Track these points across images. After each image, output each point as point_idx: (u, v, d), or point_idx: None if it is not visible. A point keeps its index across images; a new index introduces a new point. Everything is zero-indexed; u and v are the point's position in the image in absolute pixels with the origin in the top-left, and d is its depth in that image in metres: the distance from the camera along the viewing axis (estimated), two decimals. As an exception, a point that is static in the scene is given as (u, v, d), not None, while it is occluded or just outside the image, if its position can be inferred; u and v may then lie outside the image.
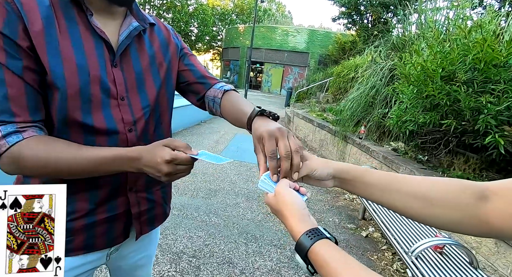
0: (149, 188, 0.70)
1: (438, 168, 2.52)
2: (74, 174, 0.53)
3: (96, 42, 0.56)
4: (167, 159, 0.50)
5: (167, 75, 0.69)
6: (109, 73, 0.57)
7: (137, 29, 0.61)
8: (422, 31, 3.51)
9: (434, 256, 1.57)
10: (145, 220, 0.71)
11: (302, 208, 0.43)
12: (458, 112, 2.14)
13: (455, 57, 2.11)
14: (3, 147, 0.48)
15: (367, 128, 3.75)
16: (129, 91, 0.61)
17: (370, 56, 5.07)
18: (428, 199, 0.43)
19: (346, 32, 14.40)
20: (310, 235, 0.38)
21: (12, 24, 0.47)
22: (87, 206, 0.60)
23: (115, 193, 0.63)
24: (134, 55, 0.62)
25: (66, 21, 0.53)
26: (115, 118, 0.58)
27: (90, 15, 0.55)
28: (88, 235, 0.62)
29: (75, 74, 0.53)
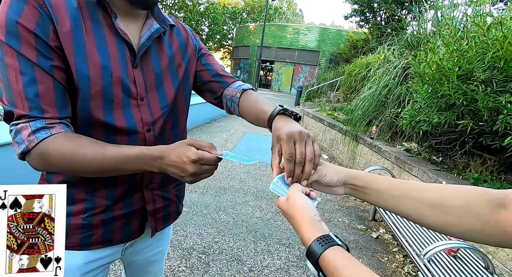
0: (164, 186, 0.72)
1: (453, 169, 2.44)
2: (98, 171, 0.52)
3: (119, 43, 0.58)
4: (194, 159, 0.49)
5: (185, 76, 0.70)
6: (130, 74, 0.59)
7: (158, 31, 0.63)
8: (438, 28, 3.41)
9: (448, 259, 1.54)
10: (160, 217, 0.73)
11: (313, 214, 0.43)
12: (476, 113, 2.07)
13: (473, 55, 2.04)
14: (32, 142, 0.48)
15: (379, 128, 3.68)
16: (148, 91, 0.62)
17: (383, 55, 4.96)
18: (442, 206, 0.42)
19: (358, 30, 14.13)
20: (321, 241, 0.38)
21: (43, 26, 0.49)
22: (105, 203, 0.62)
23: (132, 190, 0.65)
24: (154, 56, 0.64)
25: (91, 23, 0.55)
26: (135, 118, 0.60)
27: (115, 17, 0.57)
28: (106, 230, 0.65)
29: (99, 75, 0.54)
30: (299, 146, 0.49)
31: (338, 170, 0.51)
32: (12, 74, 0.48)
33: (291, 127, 0.51)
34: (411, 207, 0.44)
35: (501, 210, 0.38)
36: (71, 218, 0.61)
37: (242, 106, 0.72)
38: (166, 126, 0.67)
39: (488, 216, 0.38)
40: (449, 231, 0.42)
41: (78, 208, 0.61)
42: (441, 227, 0.43)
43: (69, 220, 0.61)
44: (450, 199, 0.42)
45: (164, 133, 0.67)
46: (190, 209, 2.46)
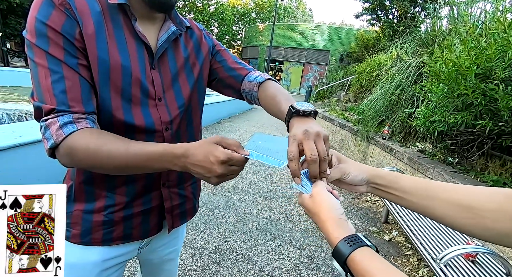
0: (181, 183, 0.73)
1: (470, 171, 2.36)
2: (122, 168, 0.51)
3: (138, 45, 0.60)
4: (222, 159, 0.46)
5: (199, 74, 0.72)
6: (148, 75, 0.61)
7: (175, 33, 0.64)
8: (455, 25, 3.30)
9: (466, 264, 1.48)
10: (177, 214, 0.74)
11: (340, 212, 0.42)
12: (495, 113, 2.00)
13: (493, 53, 1.96)
14: (59, 136, 0.49)
15: (391, 128, 3.61)
16: (165, 92, 0.64)
17: (395, 53, 4.85)
18: (474, 208, 0.40)
19: (369, 28, 13.90)
20: (349, 241, 0.37)
21: (70, 27, 0.51)
22: (125, 200, 0.64)
23: (150, 188, 0.67)
24: (170, 57, 0.65)
25: (113, 26, 0.57)
26: (153, 118, 0.62)
27: (135, 20, 0.59)
28: (126, 226, 0.67)
29: (120, 75, 0.56)
30: (307, 144, 0.46)
31: (362, 168, 0.50)
32: (42, 72, 0.50)
33: (300, 127, 0.49)
34: (441, 208, 0.43)
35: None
36: (93, 215, 0.63)
37: (262, 101, 0.71)
38: (182, 124, 0.68)
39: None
40: (482, 235, 0.40)
41: (99, 205, 0.63)
42: (473, 231, 0.41)
43: (92, 217, 0.63)
44: (483, 202, 0.40)
45: (179, 131, 0.68)
46: (200, 208, 2.48)
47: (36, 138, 2.08)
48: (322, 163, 0.46)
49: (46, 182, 2.18)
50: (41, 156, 2.14)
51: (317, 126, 0.50)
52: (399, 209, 2.17)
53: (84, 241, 0.64)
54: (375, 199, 3.11)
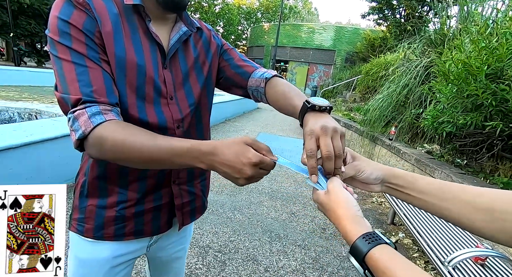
0: (190, 180, 0.74)
1: (479, 173, 2.32)
2: (147, 161, 0.50)
3: (151, 45, 0.61)
4: (255, 161, 0.45)
5: (209, 73, 0.73)
6: (160, 75, 0.62)
7: (186, 34, 0.66)
8: (465, 25, 3.25)
9: (475, 268, 1.46)
10: (187, 211, 0.75)
11: (356, 209, 0.41)
12: (506, 114, 1.96)
13: (504, 52, 1.93)
14: (88, 127, 0.49)
15: (398, 129, 3.57)
16: (176, 91, 0.65)
17: (402, 53, 4.79)
18: (494, 211, 0.39)
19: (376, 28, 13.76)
20: (368, 239, 0.36)
21: (90, 26, 0.53)
22: (136, 196, 0.66)
23: (160, 185, 0.68)
24: (181, 57, 0.67)
25: (129, 27, 0.59)
26: (166, 116, 0.63)
27: (149, 21, 0.60)
28: (138, 222, 0.68)
29: (135, 73, 0.58)
30: (323, 140, 0.46)
31: (377, 167, 0.49)
32: (66, 66, 0.52)
33: (318, 123, 0.49)
34: (459, 210, 0.42)
35: None
36: (106, 210, 0.65)
37: (269, 97, 0.70)
38: (192, 122, 0.70)
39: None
40: (502, 239, 0.39)
41: (112, 201, 0.65)
42: (492, 234, 0.40)
43: (104, 212, 0.65)
44: (502, 204, 0.39)
45: (190, 129, 0.69)
46: (206, 207, 2.49)
47: (47, 136, 2.12)
48: (337, 160, 0.46)
49: (55, 181, 2.22)
50: (50, 155, 2.18)
51: (334, 122, 0.49)
52: (405, 210, 2.14)
53: (96, 235, 0.65)
54: (381, 200, 3.08)
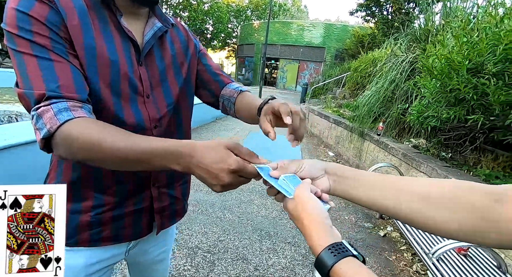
0: (171, 183, 0.72)
1: (463, 165, 2.38)
2: (121, 162, 0.46)
3: (124, 41, 0.59)
4: (234, 169, 0.42)
5: (188, 73, 0.72)
6: (135, 71, 0.60)
7: (161, 29, 0.64)
8: (448, 21, 3.31)
9: (458, 258, 1.49)
10: (167, 215, 0.73)
11: (324, 217, 0.38)
12: (486, 107, 2.00)
13: (484, 47, 1.97)
14: (54, 125, 0.45)
15: (386, 124, 3.61)
16: (153, 89, 0.63)
17: (389, 49, 4.85)
18: (430, 197, 0.38)
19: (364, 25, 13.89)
20: (333, 250, 0.33)
21: (54, 19, 0.50)
22: (114, 200, 0.63)
23: (140, 188, 0.66)
24: (157, 54, 0.65)
25: (99, 21, 0.56)
26: (143, 115, 0.61)
27: (120, 15, 0.58)
28: (116, 227, 0.65)
29: (108, 69, 0.55)
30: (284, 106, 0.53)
31: (319, 160, 0.49)
32: (28, 60, 0.47)
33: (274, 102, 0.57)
34: (397, 199, 0.40)
35: (499, 204, 0.35)
36: (80, 216, 0.62)
37: (238, 106, 0.74)
38: (171, 123, 0.68)
39: (484, 210, 0.35)
40: (440, 229, 0.38)
41: (86, 205, 0.62)
42: (428, 224, 0.38)
43: (78, 217, 0.62)
44: (440, 189, 0.38)
45: (169, 130, 0.67)
46: (195, 207, 2.47)
47: (26, 140, 2.04)
48: (302, 122, 0.52)
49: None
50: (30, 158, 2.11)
51: None
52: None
53: (69, 242, 0.62)
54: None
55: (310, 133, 6.36)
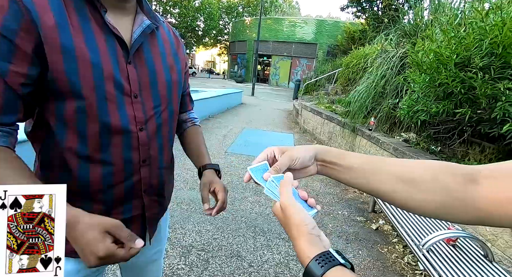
0: (162, 189, 0.71)
1: (451, 158, 2.43)
2: None
3: (109, 39, 0.56)
4: (101, 256, 0.43)
5: (178, 79, 0.71)
6: (122, 70, 0.57)
7: (150, 27, 0.62)
8: (436, 15, 3.35)
9: (447, 249, 1.53)
10: (153, 223, 0.73)
11: (310, 227, 0.37)
12: (474, 101, 2.04)
13: (471, 42, 2.00)
14: None
15: (377, 119, 3.66)
16: (142, 89, 0.61)
17: (380, 45, 4.89)
18: (414, 181, 0.40)
19: (355, 21, 13.97)
20: (321, 261, 0.33)
21: (11, 21, 0.44)
22: (102, 208, 0.61)
23: (129, 195, 0.64)
24: (147, 53, 0.63)
25: (78, 17, 0.52)
26: (128, 115, 0.59)
27: (104, 11, 0.55)
28: None
29: (90, 73, 0.52)
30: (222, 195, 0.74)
31: (308, 148, 0.48)
32: None
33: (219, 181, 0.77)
34: (381, 182, 0.42)
35: (472, 185, 0.37)
36: None
37: (187, 136, 0.85)
38: (162, 127, 0.66)
39: (459, 190, 0.38)
40: (421, 210, 0.40)
41: None
42: (412, 205, 0.41)
43: None
44: (422, 173, 0.40)
45: (159, 134, 0.66)
46: (188, 206, 2.45)
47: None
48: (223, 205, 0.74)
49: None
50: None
51: None
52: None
53: None
54: (362, 189, 3.17)
55: (303, 130, 6.39)
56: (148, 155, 0.64)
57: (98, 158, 0.57)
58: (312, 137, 5.76)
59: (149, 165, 0.65)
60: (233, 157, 3.94)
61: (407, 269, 1.87)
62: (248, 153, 4.21)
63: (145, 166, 0.64)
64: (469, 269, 1.37)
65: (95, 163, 0.57)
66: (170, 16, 25.01)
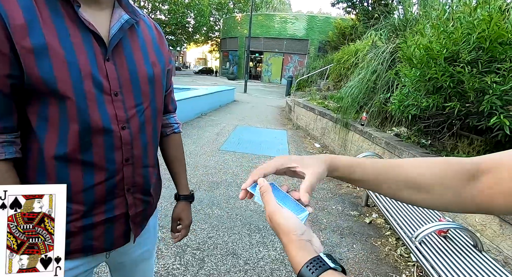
0: (147, 187, 0.70)
1: (441, 151, 2.48)
2: None
3: (84, 35, 0.53)
4: None
5: (162, 75, 0.68)
6: (101, 68, 0.55)
7: (128, 22, 0.59)
8: (425, 11, 3.38)
9: (438, 240, 1.56)
10: (138, 222, 0.71)
11: (299, 232, 0.37)
12: (462, 94, 2.08)
13: (459, 36, 2.03)
14: None
15: (369, 114, 3.69)
16: (122, 86, 0.59)
17: (370, 40, 4.92)
18: (420, 186, 0.43)
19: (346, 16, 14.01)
20: (311, 267, 0.33)
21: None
22: (83, 208, 0.59)
23: (112, 194, 0.62)
24: (127, 49, 0.60)
25: (50, 13, 0.49)
26: (109, 114, 0.57)
27: (78, 6, 0.52)
28: (86, 237, 0.61)
29: (66, 72, 0.50)
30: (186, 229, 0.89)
31: (317, 164, 0.44)
32: None
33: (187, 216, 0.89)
34: (390, 188, 0.44)
35: (472, 182, 0.39)
36: None
37: (163, 150, 0.84)
38: (146, 126, 0.64)
39: (461, 191, 0.40)
40: (427, 207, 0.44)
41: None
42: (417, 203, 0.44)
43: None
44: (428, 177, 0.42)
45: (143, 133, 0.64)
46: (183, 205, 2.43)
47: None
48: None
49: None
50: None
51: None
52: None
53: None
54: (356, 184, 3.21)
55: (296, 126, 6.41)
56: (131, 154, 0.62)
57: (78, 158, 0.56)
58: (305, 133, 5.79)
59: (132, 163, 0.63)
60: (227, 154, 3.92)
61: (400, 261, 1.91)
62: (242, 150, 4.20)
63: (128, 165, 0.62)
64: (459, 259, 1.41)
65: (75, 163, 0.56)
66: (159, 12, 24.55)
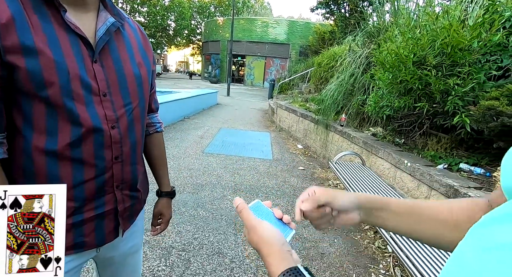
0: (135, 184, 0.72)
1: (413, 149, 2.65)
2: None
3: (72, 39, 0.55)
4: None
5: (148, 75, 0.71)
6: (89, 70, 0.57)
7: (114, 25, 0.62)
8: (396, 19, 3.62)
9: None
10: (127, 217, 0.73)
11: (281, 243, 0.38)
12: (430, 96, 2.26)
13: (425, 42, 2.21)
14: None
15: (348, 115, 3.86)
16: (111, 87, 0.61)
17: (348, 45, 5.16)
18: (457, 225, 0.42)
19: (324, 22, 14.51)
20: (288, 276, 0.34)
21: None
22: (73, 204, 0.60)
23: (101, 191, 0.64)
24: (114, 51, 0.63)
25: (38, 18, 0.51)
26: (99, 115, 0.59)
27: (64, 11, 0.54)
28: (77, 234, 0.62)
29: (54, 72, 0.52)
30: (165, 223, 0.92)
31: (349, 195, 0.47)
32: None
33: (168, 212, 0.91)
34: (428, 228, 0.43)
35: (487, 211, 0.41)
36: None
37: (146, 148, 0.84)
38: (134, 125, 0.67)
39: None
40: None
41: None
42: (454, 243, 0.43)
43: None
44: (461, 215, 0.42)
45: (132, 133, 0.66)
46: (167, 208, 2.41)
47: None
48: None
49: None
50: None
51: None
52: (355, 187, 2.35)
53: None
54: (336, 182, 3.33)
55: (279, 128, 6.52)
56: (121, 152, 0.64)
57: (68, 157, 0.57)
58: (288, 135, 5.91)
59: (122, 161, 0.65)
60: (211, 157, 3.92)
61: (377, 253, 2.02)
62: (226, 152, 4.21)
63: (118, 163, 0.64)
64: (431, 248, 1.53)
65: (65, 161, 0.57)
66: (138, 14, 24.01)
